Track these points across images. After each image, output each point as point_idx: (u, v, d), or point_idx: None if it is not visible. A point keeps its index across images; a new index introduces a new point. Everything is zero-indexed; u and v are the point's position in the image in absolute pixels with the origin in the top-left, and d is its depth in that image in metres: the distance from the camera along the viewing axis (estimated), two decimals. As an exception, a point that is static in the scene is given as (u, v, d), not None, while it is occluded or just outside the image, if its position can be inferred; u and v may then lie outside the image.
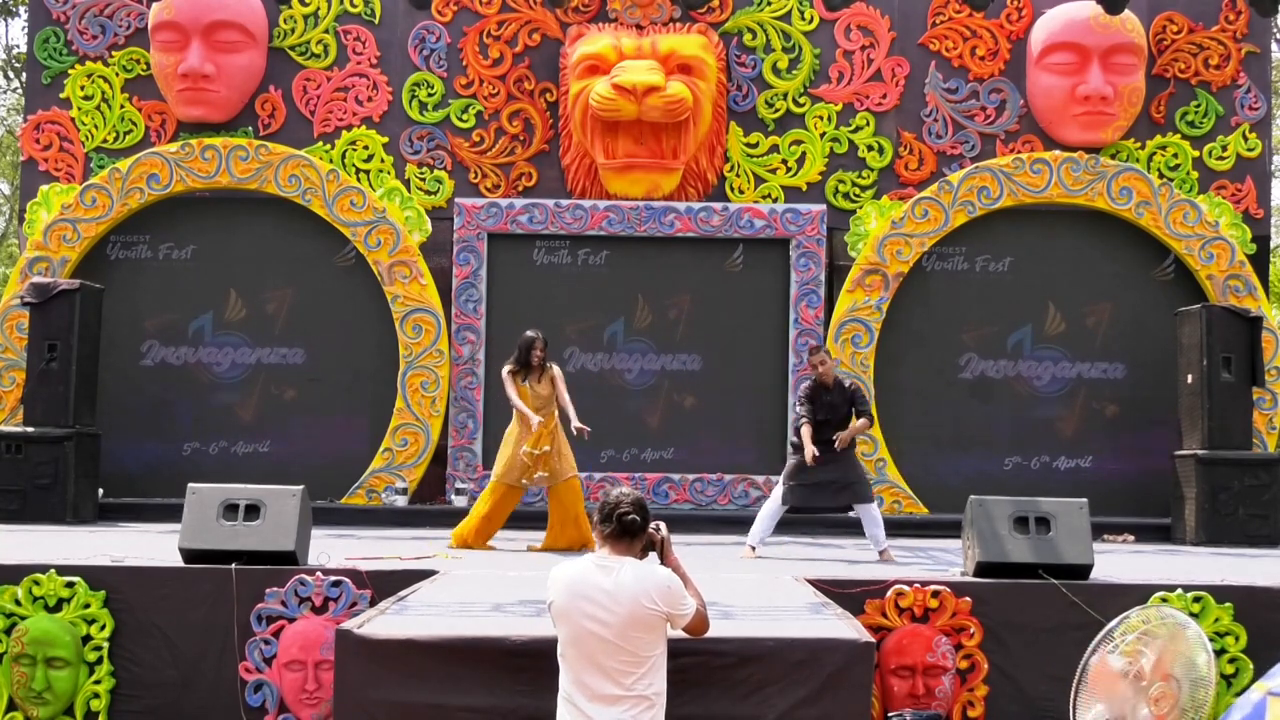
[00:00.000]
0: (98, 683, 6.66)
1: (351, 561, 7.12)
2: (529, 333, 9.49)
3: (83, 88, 12.92)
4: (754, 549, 9.08)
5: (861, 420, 9.03)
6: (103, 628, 6.67)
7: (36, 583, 6.69)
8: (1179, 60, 12.99)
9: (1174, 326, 11.92)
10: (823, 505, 9.18)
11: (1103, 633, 5.94)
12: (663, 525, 4.89)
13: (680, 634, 4.82)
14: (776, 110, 12.90)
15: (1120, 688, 5.75)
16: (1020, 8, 12.98)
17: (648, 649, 4.57)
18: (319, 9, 13.00)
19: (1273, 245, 15.76)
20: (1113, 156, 12.72)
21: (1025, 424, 12.61)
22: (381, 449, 12.29)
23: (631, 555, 4.69)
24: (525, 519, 10.10)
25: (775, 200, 12.75)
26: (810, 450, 8.74)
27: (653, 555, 4.86)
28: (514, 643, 5.17)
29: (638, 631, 4.54)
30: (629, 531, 4.68)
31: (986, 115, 12.96)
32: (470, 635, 5.28)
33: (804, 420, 8.95)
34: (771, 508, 9.16)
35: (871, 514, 8.96)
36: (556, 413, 9.44)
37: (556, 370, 9.50)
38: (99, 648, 6.66)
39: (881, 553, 8.83)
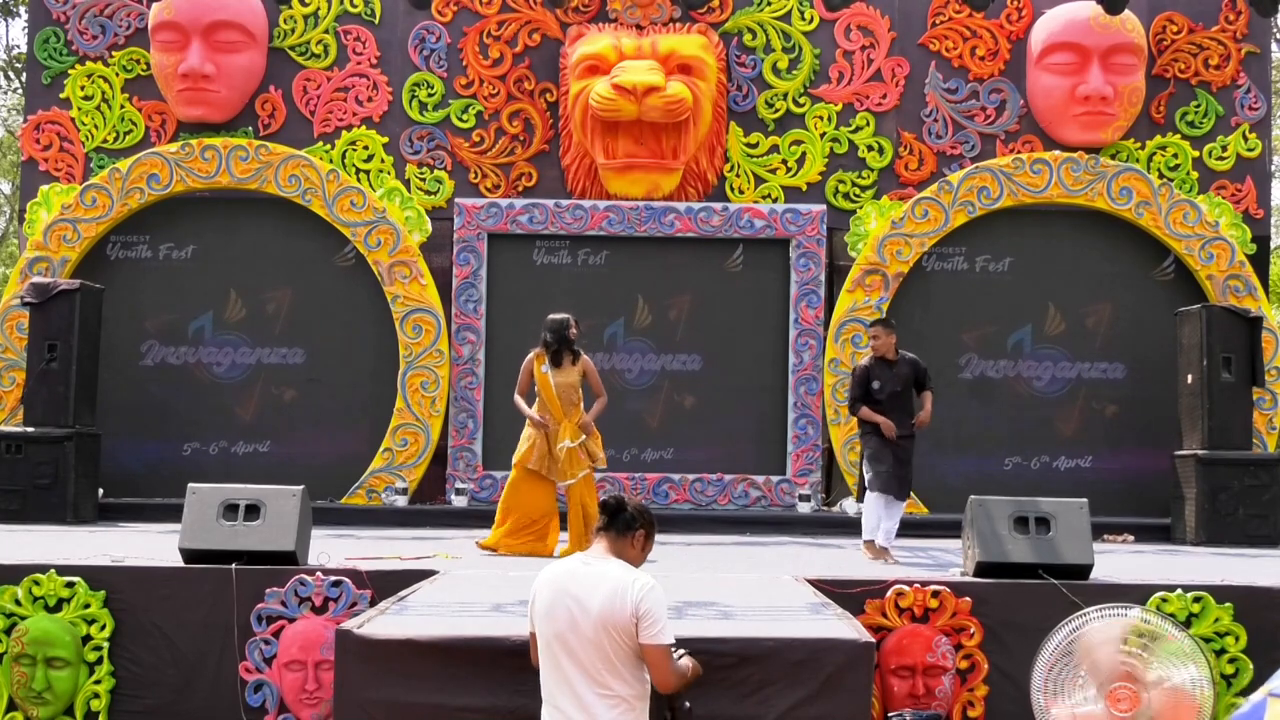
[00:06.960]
0: (98, 683, 6.65)
1: (351, 561, 7.12)
2: (562, 314, 9.00)
3: (83, 88, 12.92)
4: (873, 543, 8.68)
5: (927, 395, 8.90)
6: (103, 628, 6.67)
7: (36, 583, 6.69)
8: (1179, 60, 12.99)
9: (1174, 326, 11.91)
10: (897, 494, 8.89)
11: (1071, 621, 5.87)
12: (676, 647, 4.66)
13: (678, 636, 4.75)
14: (776, 110, 12.90)
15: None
16: (1020, 8, 12.98)
17: (625, 650, 4.51)
18: (319, 9, 13.00)
19: (1273, 245, 15.75)
20: (1113, 157, 12.72)
21: (1025, 424, 12.61)
22: (381, 449, 12.28)
23: (620, 550, 4.63)
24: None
25: (775, 200, 12.75)
26: (885, 422, 8.69)
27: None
28: (514, 643, 5.15)
29: (614, 631, 4.49)
30: (606, 511, 4.66)
31: (986, 115, 12.96)
32: (470, 635, 5.28)
33: (858, 406, 8.81)
34: (873, 502, 8.76)
35: (898, 509, 8.80)
36: (581, 405, 8.93)
37: (587, 361, 9.01)
38: (99, 648, 6.66)
39: (884, 549, 8.63)
